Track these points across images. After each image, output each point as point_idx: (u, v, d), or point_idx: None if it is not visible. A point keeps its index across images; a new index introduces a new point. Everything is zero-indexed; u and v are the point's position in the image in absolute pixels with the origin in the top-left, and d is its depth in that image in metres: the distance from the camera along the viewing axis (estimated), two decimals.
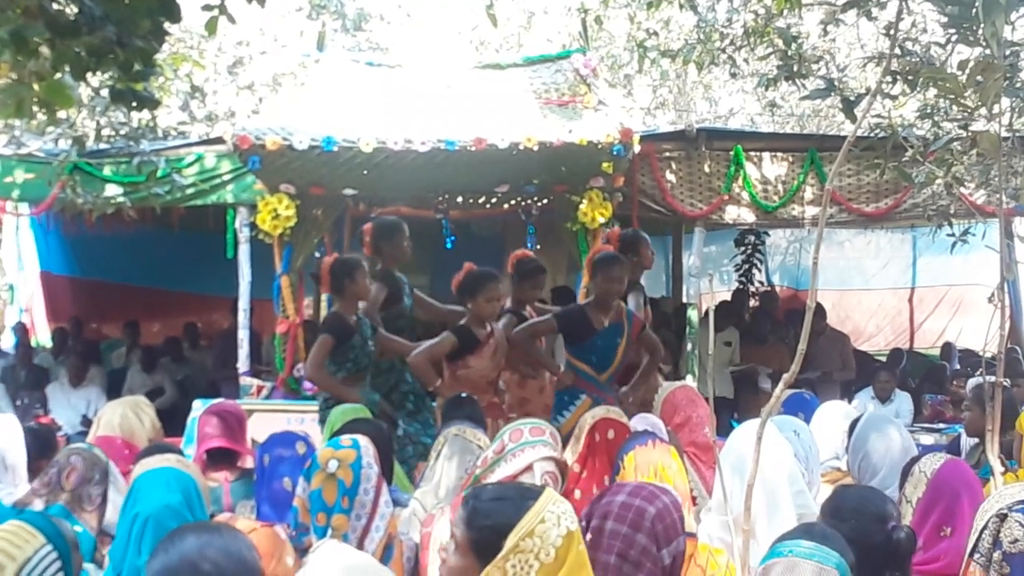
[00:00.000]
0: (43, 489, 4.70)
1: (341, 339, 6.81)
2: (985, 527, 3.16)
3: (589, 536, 3.31)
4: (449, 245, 9.53)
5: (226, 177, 9.68)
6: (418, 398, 7.23)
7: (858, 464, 4.98)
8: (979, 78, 4.03)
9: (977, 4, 3.61)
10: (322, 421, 6.87)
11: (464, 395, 6.09)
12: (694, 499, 4.98)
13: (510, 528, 2.68)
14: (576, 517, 2.79)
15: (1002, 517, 3.12)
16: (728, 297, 12.63)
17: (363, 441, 3.91)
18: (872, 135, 7.12)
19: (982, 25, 3.79)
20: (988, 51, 4.07)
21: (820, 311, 11.54)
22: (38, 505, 4.63)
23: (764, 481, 3.81)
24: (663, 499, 3.36)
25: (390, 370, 7.20)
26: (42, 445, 5.72)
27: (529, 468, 4.05)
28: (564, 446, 5.05)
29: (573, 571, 2.67)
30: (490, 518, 2.72)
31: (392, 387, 7.19)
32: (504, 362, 7.17)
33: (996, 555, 3.11)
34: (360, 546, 3.68)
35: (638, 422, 5.13)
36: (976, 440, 6.65)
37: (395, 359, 7.22)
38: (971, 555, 3.18)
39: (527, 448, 4.08)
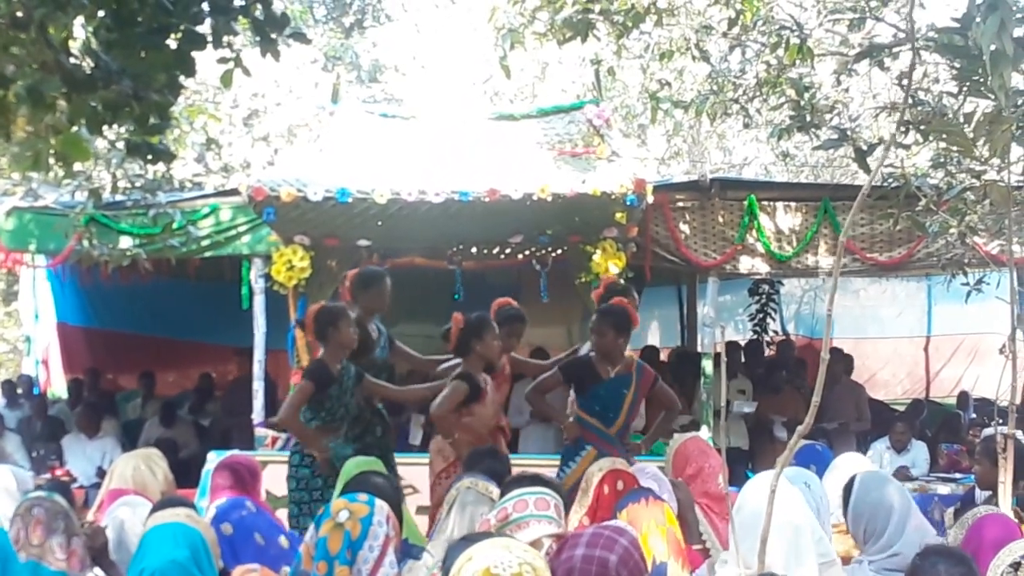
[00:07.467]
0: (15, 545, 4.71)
1: (320, 386, 6.71)
2: None
3: None
4: (457, 297, 9.51)
5: (241, 229, 9.73)
6: (384, 452, 6.95)
7: (862, 529, 4.79)
8: (987, 128, 4.05)
9: (985, 57, 3.63)
10: (291, 467, 6.84)
11: (491, 447, 6.09)
12: (707, 551, 4.96)
13: None
14: None
15: (1016, 566, 3.12)
16: (739, 344, 12.55)
17: (380, 502, 3.93)
18: (885, 184, 7.12)
19: (990, 77, 3.81)
20: (997, 102, 4.09)
21: (842, 356, 11.53)
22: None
23: (784, 530, 3.79)
24: (621, 542, 3.37)
25: (357, 419, 6.99)
26: None
27: (538, 542, 4.03)
28: (571, 497, 5.04)
29: None
30: None
31: (357, 437, 6.96)
32: None
33: None
34: None
35: (642, 476, 5.12)
36: (989, 492, 6.59)
37: (365, 411, 7.06)
38: None
39: (532, 521, 4.07)
